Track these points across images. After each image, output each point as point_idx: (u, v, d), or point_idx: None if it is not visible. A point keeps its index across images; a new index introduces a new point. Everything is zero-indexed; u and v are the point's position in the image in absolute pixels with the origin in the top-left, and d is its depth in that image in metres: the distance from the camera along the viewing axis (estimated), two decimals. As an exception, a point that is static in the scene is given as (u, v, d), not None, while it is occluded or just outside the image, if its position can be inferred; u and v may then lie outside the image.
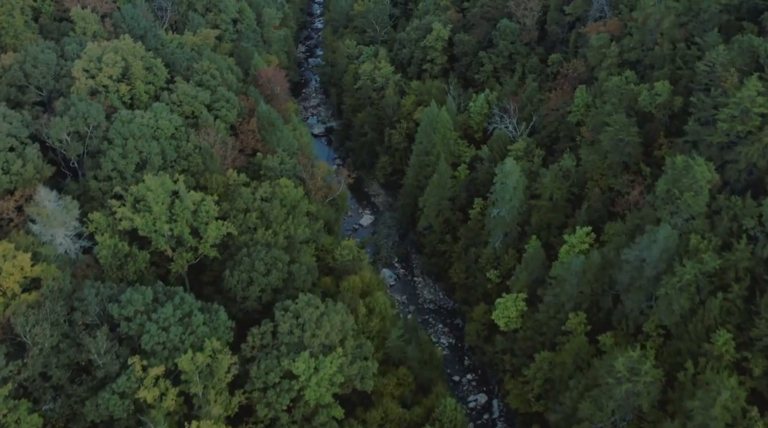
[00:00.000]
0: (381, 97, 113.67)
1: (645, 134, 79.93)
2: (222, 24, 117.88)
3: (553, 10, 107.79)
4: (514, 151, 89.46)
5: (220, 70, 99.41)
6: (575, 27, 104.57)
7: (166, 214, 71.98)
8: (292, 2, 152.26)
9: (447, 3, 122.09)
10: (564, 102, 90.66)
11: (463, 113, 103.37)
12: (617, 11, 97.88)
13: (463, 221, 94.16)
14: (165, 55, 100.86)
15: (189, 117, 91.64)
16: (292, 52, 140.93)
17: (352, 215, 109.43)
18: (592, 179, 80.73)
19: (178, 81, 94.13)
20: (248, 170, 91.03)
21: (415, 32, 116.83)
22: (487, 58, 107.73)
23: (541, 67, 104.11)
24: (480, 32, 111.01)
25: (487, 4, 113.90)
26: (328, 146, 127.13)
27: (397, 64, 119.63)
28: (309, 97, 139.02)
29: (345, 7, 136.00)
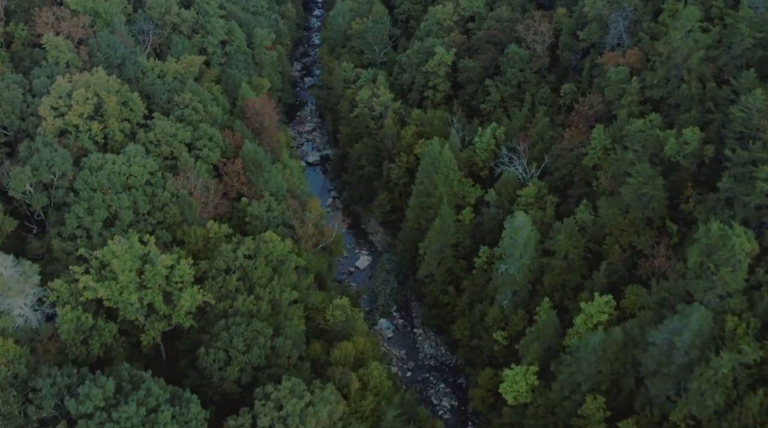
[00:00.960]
0: (379, 126, 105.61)
1: (671, 185, 71.83)
2: (209, 47, 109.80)
3: (565, 35, 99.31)
4: (524, 196, 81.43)
5: (203, 103, 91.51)
6: (589, 54, 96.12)
7: (134, 282, 64.33)
8: (288, 18, 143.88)
9: (450, 23, 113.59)
10: (579, 142, 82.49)
11: (467, 148, 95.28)
12: (636, 39, 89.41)
13: (468, 270, 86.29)
14: (144, 86, 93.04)
15: (168, 158, 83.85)
16: (286, 72, 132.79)
17: (348, 255, 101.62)
18: (611, 234, 72.71)
19: (157, 117, 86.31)
20: (232, 217, 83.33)
21: (416, 56, 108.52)
22: (493, 87, 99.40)
23: (553, 98, 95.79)
24: (486, 58, 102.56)
25: (493, 27, 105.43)
26: (323, 175, 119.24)
27: (396, 90, 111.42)
28: (304, 120, 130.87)
29: (342, 25, 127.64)
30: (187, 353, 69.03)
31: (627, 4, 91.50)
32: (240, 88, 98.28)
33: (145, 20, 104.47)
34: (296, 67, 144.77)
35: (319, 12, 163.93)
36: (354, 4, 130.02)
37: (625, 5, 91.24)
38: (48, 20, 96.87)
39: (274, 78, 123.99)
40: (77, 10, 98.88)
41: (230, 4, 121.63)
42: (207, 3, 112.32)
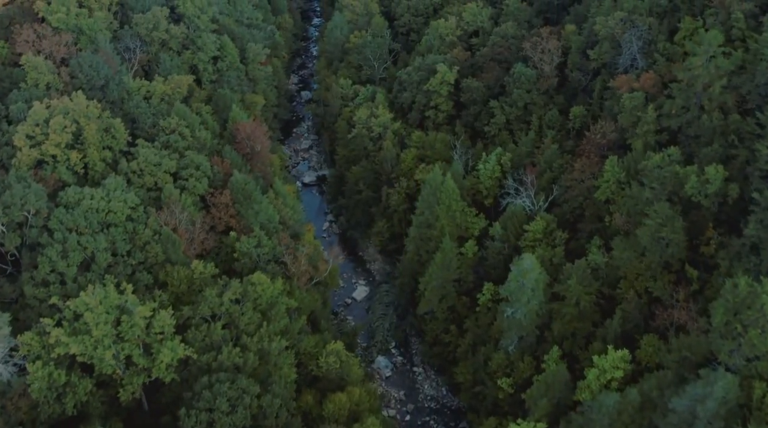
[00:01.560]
0: (378, 148, 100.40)
1: (690, 225, 66.61)
2: (200, 64, 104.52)
3: (574, 54, 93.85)
4: (532, 232, 76.26)
5: (191, 127, 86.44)
6: (600, 74, 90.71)
7: (110, 334, 59.41)
8: (285, 29, 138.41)
9: (453, 38, 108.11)
10: (591, 173, 77.23)
11: (471, 174, 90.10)
12: (651, 60, 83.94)
13: (471, 307, 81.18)
14: (128, 109, 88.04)
15: (151, 189, 78.88)
16: (282, 86, 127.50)
17: (345, 285, 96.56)
18: (626, 278, 67.50)
19: (141, 144, 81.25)
20: (220, 252, 78.37)
21: (417, 73, 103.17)
22: (498, 108, 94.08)
23: (561, 121, 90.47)
24: (490, 77, 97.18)
25: (498, 44, 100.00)
26: (320, 196, 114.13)
27: (396, 108, 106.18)
28: (300, 137, 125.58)
29: (340, 38, 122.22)
30: (170, 406, 64.22)
31: (641, 23, 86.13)
32: (231, 110, 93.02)
33: (131, 37, 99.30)
34: (293, 80, 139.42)
35: (318, 20, 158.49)
36: (352, 16, 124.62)
37: (638, 24, 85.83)
38: (29, 38, 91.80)
39: (269, 94, 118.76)
40: (59, 28, 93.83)
41: (223, 17, 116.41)
42: (198, 17, 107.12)
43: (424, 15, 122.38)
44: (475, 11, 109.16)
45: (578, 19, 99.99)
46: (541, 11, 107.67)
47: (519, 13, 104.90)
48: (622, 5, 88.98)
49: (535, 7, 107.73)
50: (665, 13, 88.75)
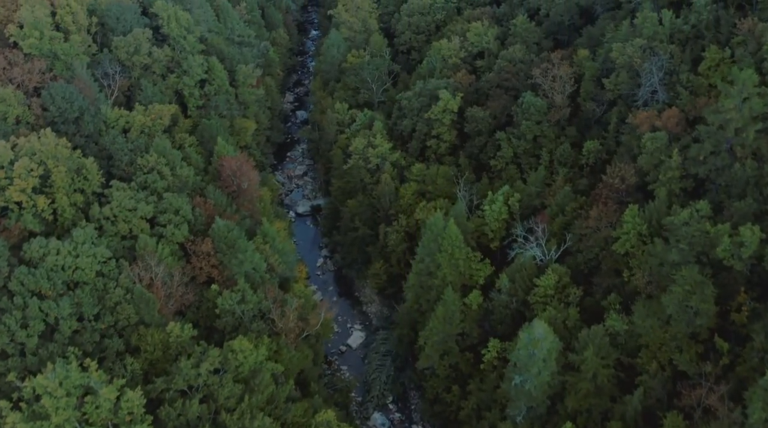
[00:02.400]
0: (376, 181, 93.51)
1: (719, 287, 59.66)
2: (185, 89, 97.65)
3: (588, 82, 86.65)
4: (543, 288, 69.42)
5: (171, 164, 79.70)
6: (616, 105, 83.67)
7: (73, 418, 52.95)
8: (279, 45, 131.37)
9: (456, 61, 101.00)
10: (608, 222, 70.29)
11: (475, 214, 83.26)
12: (674, 93, 76.87)
13: (475, 363, 74.46)
14: (104, 145, 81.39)
15: (126, 237, 72.31)
16: (276, 107, 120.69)
17: (339, 330, 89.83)
18: (648, 347, 60.66)
19: (115, 186, 74.53)
20: (201, 307, 71.78)
21: (418, 99, 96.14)
22: (505, 141, 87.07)
23: (574, 156, 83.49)
24: (497, 106, 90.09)
25: (505, 69, 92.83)
26: (314, 227, 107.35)
27: (395, 135, 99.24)
28: (295, 161, 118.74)
29: (337, 57, 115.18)
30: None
31: (661, 51, 79.00)
32: (217, 141, 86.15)
33: (110, 62, 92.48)
34: (288, 98, 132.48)
35: (315, 33, 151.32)
36: (350, 33, 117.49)
37: (659, 52, 78.70)
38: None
39: (261, 116, 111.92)
40: (32, 54, 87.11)
41: (212, 35, 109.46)
42: (184, 38, 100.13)
43: (426, 33, 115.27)
44: (480, 31, 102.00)
45: (591, 42, 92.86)
46: (551, 32, 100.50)
47: (527, 34, 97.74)
48: (641, 31, 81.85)
49: (544, 28, 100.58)
50: (687, 40, 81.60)
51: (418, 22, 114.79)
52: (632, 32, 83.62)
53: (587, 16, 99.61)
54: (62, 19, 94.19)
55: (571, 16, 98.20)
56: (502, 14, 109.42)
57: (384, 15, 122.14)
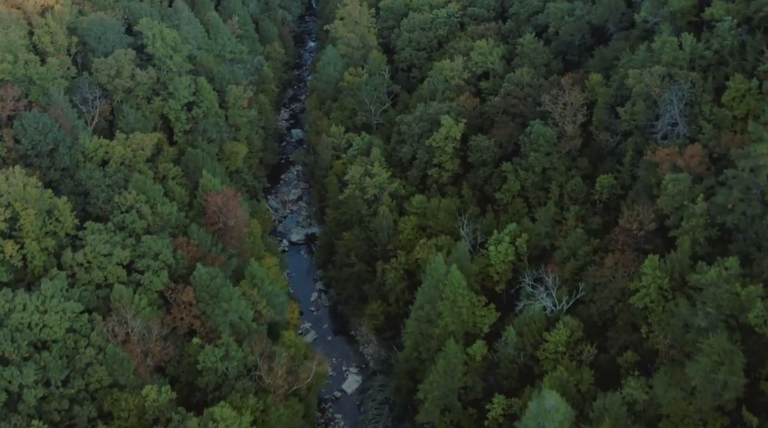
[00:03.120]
0: (373, 212, 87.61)
1: (746, 353, 53.80)
2: (171, 113, 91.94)
3: (601, 109, 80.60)
4: (553, 343, 63.66)
5: (152, 201, 74.05)
6: (632, 135, 77.65)
7: None
8: (274, 59, 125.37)
9: (459, 82, 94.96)
10: (625, 272, 64.40)
11: (479, 252, 77.45)
12: (696, 126, 70.87)
13: (478, 420, 68.43)
14: (80, 180, 75.86)
15: (100, 285, 66.74)
16: (270, 126, 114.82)
17: (334, 373, 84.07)
18: (670, 419, 54.86)
19: (90, 228, 68.90)
20: (181, 363, 66.15)
21: (419, 124, 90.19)
22: (512, 173, 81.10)
23: (586, 191, 77.54)
24: (503, 134, 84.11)
25: (512, 94, 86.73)
26: (309, 256, 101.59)
27: (394, 161, 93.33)
28: (290, 183, 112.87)
29: (333, 75, 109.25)
30: None
31: (683, 79, 72.95)
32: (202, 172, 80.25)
33: (90, 85, 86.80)
34: (284, 116, 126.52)
35: (313, 44, 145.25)
36: (347, 49, 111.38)
37: (680, 80, 72.64)
38: (-32, 93, 79.73)
39: (254, 137, 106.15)
40: (5, 79, 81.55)
41: (202, 53, 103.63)
42: (170, 58, 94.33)
43: (427, 49, 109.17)
44: (484, 50, 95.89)
45: (604, 64, 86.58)
46: (560, 52, 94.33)
47: (535, 55, 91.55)
48: (659, 56, 75.74)
49: (553, 47, 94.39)
50: (709, 67, 75.48)
51: (419, 38, 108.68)
52: (650, 57, 77.57)
53: (599, 36, 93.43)
54: (40, 39, 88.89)
55: (582, 35, 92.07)
56: (508, 31, 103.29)
57: (383, 30, 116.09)
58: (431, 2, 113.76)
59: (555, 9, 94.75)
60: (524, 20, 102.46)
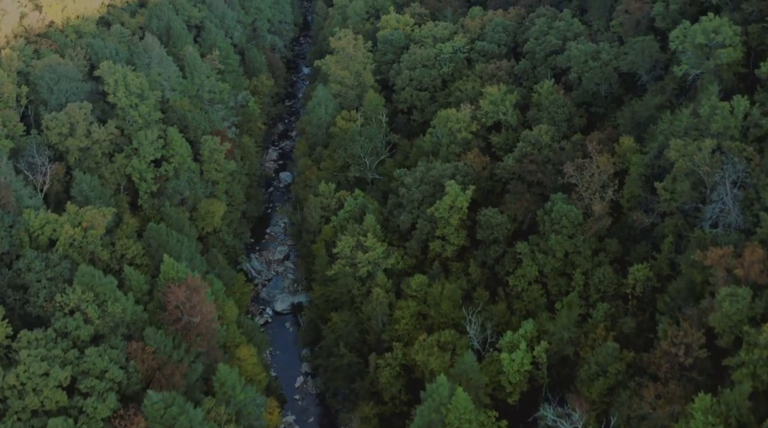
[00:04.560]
0: (366, 292, 75.83)
1: None
2: (134, 174, 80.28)
3: (634, 181, 68.38)
4: (580, 496, 52.20)
5: (101, 298, 62.45)
6: (673, 215, 65.47)
7: None
8: (262, 93, 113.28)
9: (467, 136, 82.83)
10: (669, 408, 52.57)
11: (489, 352, 65.73)
12: (752, 216, 58.70)
13: None
14: (19, 271, 64.28)
15: (37, 412, 55.29)
16: (255, 172, 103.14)
17: (321, 481, 73.12)
18: None
19: (24, 338, 57.36)
20: None
21: (419, 188, 78.24)
22: (528, 256, 69.15)
23: (617, 282, 65.58)
24: (518, 208, 72.01)
25: (528, 156, 74.61)
26: (295, 328, 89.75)
27: (391, 227, 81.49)
28: (276, 238, 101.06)
29: (324, 118, 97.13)
30: None
31: (734, 153, 60.72)
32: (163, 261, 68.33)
33: (39, 147, 75.19)
34: (271, 156, 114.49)
35: (307, 70, 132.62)
36: (340, 88, 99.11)
37: (733, 156, 60.40)
38: None
39: (235, 189, 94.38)
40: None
41: (176, 95, 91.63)
42: (135, 107, 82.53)
43: (430, 89, 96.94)
44: (496, 98, 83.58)
45: (635, 119, 74.27)
46: (583, 102, 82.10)
47: (555, 108, 79.05)
48: (708, 124, 63.37)
49: (575, 97, 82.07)
50: (766, 137, 63.34)
51: (421, 76, 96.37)
52: (695, 123, 65.20)
53: (629, 84, 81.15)
54: (-17, 91, 77.26)
55: (609, 84, 79.68)
56: (521, 72, 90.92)
57: (381, 64, 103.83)
58: (434, 33, 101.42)
59: (577, 51, 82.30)
60: (540, 60, 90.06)
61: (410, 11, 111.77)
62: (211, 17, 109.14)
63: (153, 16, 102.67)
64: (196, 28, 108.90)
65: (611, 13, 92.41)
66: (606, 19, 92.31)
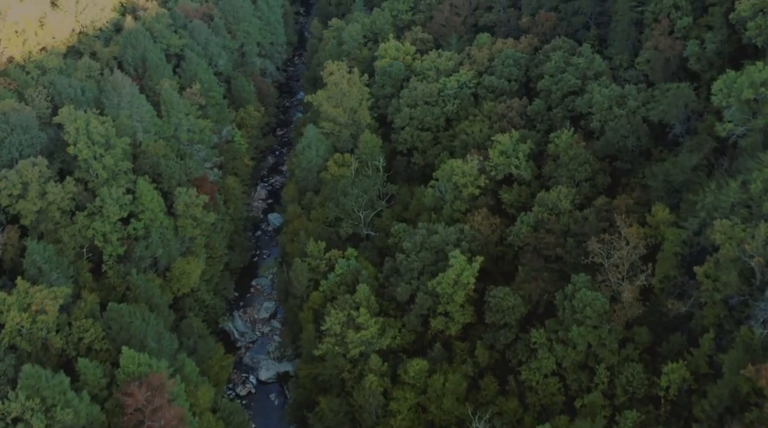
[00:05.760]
0: (357, 376, 66.37)
1: None
2: (97, 237, 70.97)
3: (668, 261, 58.60)
4: None
5: (50, 403, 53.42)
6: (714, 305, 55.88)
7: None
8: (249, 126, 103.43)
9: (474, 191, 73.20)
10: None
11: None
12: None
13: None
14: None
15: None
16: (240, 216, 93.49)
17: None
18: None
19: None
20: None
21: (419, 256, 68.75)
22: (545, 347, 59.59)
23: (647, 384, 56.06)
24: (533, 289, 62.42)
25: (545, 225, 64.90)
26: (281, 399, 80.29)
27: (388, 295, 72.11)
28: (262, 292, 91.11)
29: (315, 161, 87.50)
30: None
31: (792, 239, 51.06)
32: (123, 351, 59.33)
33: (-14, 211, 66.28)
34: (260, 194, 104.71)
35: (302, 95, 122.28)
36: (332, 127, 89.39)
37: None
38: None
39: (215, 240, 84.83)
40: None
41: (149, 138, 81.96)
42: (100, 159, 73.18)
43: (433, 129, 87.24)
44: (507, 147, 73.80)
45: (668, 181, 64.48)
46: (607, 155, 72.29)
47: (576, 165, 68.95)
48: (761, 202, 53.48)
49: (598, 148, 72.15)
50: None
51: (423, 115, 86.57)
52: (744, 198, 55.39)
53: (658, 132, 71.32)
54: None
55: (638, 136, 69.81)
56: (535, 113, 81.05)
57: (379, 98, 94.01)
58: (438, 65, 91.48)
59: (600, 96, 72.30)
60: (557, 100, 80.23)
61: (411, 36, 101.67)
62: (193, 45, 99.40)
63: (128, 45, 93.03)
64: (177, 57, 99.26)
65: (635, 47, 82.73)
66: (629, 53, 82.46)
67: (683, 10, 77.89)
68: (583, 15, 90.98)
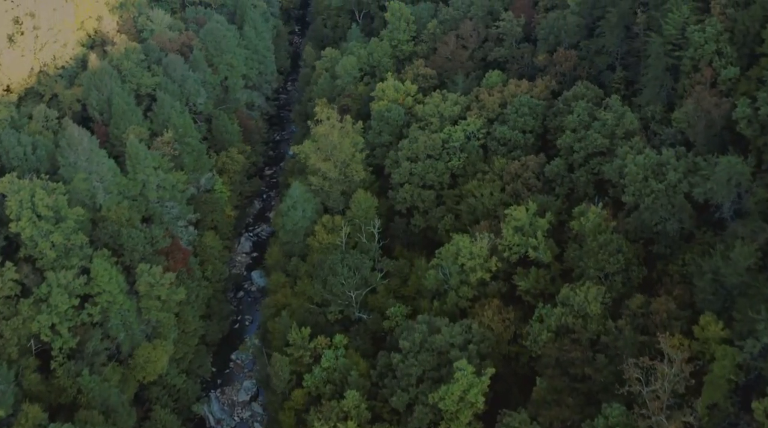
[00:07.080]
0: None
1: None
2: (43, 332, 60.61)
3: (718, 389, 47.72)
4: None
5: None
6: None
7: None
8: (231, 171, 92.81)
9: (484, 276, 62.59)
10: None
11: None
12: None
13: None
14: None
15: None
16: (220, 278, 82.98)
17: None
18: None
19: None
20: None
21: (419, 358, 57.82)
22: (569, 488, 49.69)
23: None
24: (556, 415, 51.04)
25: (568, 331, 54.22)
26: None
27: (382, 399, 61.64)
28: (242, 368, 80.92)
29: (302, 223, 76.72)
30: None
31: None
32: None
33: None
34: (244, 247, 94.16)
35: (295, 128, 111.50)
36: (320, 182, 78.52)
37: None
38: None
39: (188, 314, 74.58)
40: None
41: (110, 200, 71.35)
42: (47, 238, 62.85)
43: (436, 187, 76.41)
44: (523, 223, 62.93)
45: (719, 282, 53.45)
46: (640, 237, 61.23)
47: (606, 255, 57.45)
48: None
49: (630, 228, 60.87)
50: None
51: (425, 171, 75.68)
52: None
53: (704, 214, 60.25)
54: None
55: (679, 218, 58.77)
56: (554, 174, 70.09)
57: (376, 146, 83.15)
58: (442, 110, 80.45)
59: (634, 168, 60.87)
60: (580, 161, 69.24)
61: (413, 72, 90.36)
62: (168, 83, 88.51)
63: (92, 87, 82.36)
64: (149, 97, 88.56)
65: (669, 96, 71.42)
66: (663, 103, 71.23)
67: (728, 58, 66.78)
68: (607, 54, 79.57)
